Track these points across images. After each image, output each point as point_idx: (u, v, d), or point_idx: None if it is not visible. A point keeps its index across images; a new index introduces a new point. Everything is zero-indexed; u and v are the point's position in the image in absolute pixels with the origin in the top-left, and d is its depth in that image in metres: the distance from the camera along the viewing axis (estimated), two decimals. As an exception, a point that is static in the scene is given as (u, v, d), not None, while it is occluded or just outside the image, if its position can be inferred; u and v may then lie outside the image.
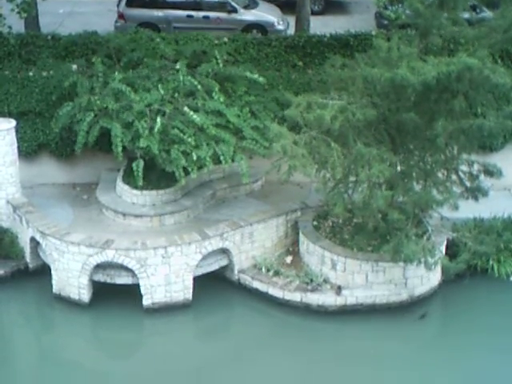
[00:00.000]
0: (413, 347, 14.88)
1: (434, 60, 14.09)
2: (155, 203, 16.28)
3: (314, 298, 15.41)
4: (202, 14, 21.02)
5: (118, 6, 21.22)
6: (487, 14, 19.56)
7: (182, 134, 15.53)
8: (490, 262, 16.16)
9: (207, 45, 18.17)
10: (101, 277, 15.33)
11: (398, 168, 15.18)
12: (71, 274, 15.22)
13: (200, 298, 15.44)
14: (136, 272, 15.07)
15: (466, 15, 16.45)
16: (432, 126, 14.61)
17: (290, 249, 16.56)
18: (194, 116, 15.69)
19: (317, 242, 15.80)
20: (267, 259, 16.09)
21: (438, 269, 15.55)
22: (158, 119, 15.51)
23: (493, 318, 15.44)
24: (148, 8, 20.91)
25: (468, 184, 15.48)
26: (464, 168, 15.48)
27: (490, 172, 15.32)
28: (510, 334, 15.08)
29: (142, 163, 15.66)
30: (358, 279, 15.47)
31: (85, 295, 15.31)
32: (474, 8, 19.70)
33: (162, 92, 16.12)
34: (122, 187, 16.52)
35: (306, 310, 15.39)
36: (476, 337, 14.99)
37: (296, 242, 16.45)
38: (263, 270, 15.92)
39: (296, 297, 15.46)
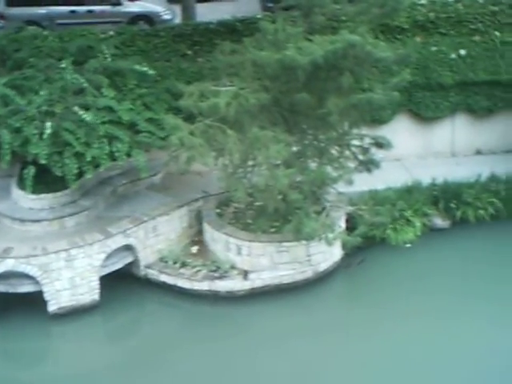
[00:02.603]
0: (322, 321, 14.47)
1: (319, 39, 13.66)
2: (53, 206, 15.17)
3: (222, 285, 14.82)
4: (85, 8, 19.85)
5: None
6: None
7: (72, 137, 14.44)
8: (387, 232, 15.93)
9: (93, 39, 17.03)
10: (2, 287, 14.15)
11: (294, 148, 14.71)
12: (-30, 289, 14.02)
13: (108, 297, 14.54)
14: (39, 279, 14.04)
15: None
16: (323, 104, 14.23)
17: (196, 238, 15.84)
18: (85, 115, 14.60)
19: (221, 230, 15.18)
20: (173, 251, 15.33)
21: (339, 243, 15.18)
22: (48, 124, 14.39)
23: (393, 284, 15.21)
24: (29, 6, 19.52)
25: (361, 158, 15.19)
26: (356, 142, 15.20)
27: (381, 144, 15.18)
28: (411, 296, 14.84)
29: (32, 170, 14.61)
30: (264, 261, 14.96)
31: (-14, 308, 14.15)
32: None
33: (49, 91, 14.92)
34: (17, 193, 15.31)
35: (216, 297, 14.79)
36: (380, 304, 14.70)
37: (200, 232, 15.77)
38: (170, 262, 15.18)
39: (204, 286, 14.82)
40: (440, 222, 16.53)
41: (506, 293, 14.67)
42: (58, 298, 14.22)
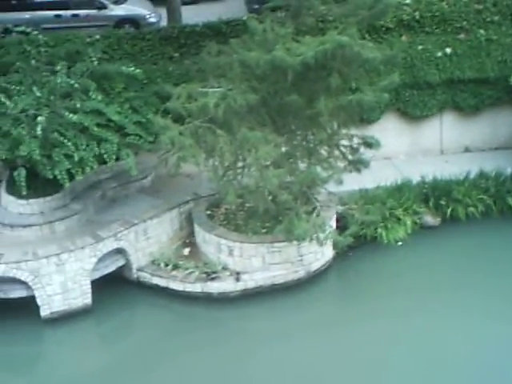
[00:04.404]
0: (316, 320, 14.52)
1: (308, 40, 13.73)
2: (43, 211, 15.15)
3: (215, 287, 14.86)
4: (70, 12, 19.88)
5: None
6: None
7: (62, 137, 14.47)
8: (378, 230, 16.07)
9: (80, 44, 17.04)
10: (-7, 293, 14.16)
11: (283, 149, 14.79)
12: (-39, 295, 13.97)
13: (100, 301, 14.55)
14: (30, 284, 14.01)
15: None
16: (312, 105, 14.27)
17: (187, 240, 15.89)
18: (75, 117, 14.64)
19: (212, 231, 15.23)
20: (164, 254, 15.37)
21: (330, 243, 15.27)
22: (39, 118, 14.36)
23: (385, 282, 15.34)
24: (14, 11, 19.49)
25: (350, 157, 15.29)
26: (345, 142, 15.28)
27: (369, 144, 15.24)
28: (404, 295, 14.95)
29: (23, 172, 14.56)
30: (256, 262, 15.01)
31: (-22, 315, 14.10)
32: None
33: (37, 94, 14.96)
34: (6, 198, 15.28)
35: (208, 299, 14.83)
36: (373, 302, 14.82)
37: (192, 234, 15.81)
38: (162, 265, 15.21)
39: (197, 287, 14.85)
40: (430, 219, 16.69)
41: (497, 287, 14.82)
42: (50, 302, 14.21)
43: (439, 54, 17.95)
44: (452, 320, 14.16)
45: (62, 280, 14.21)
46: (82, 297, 14.46)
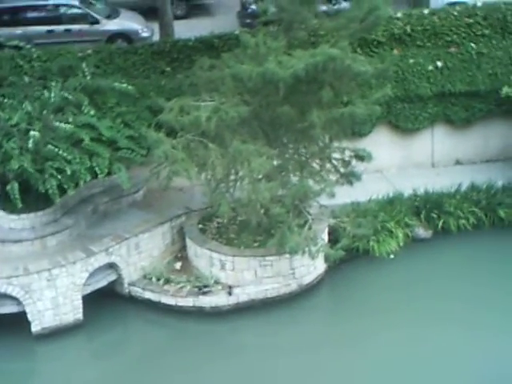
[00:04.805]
0: (309, 335, 14.37)
1: (300, 53, 13.72)
2: (34, 226, 15.02)
3: (207, 301, 14.72)
4: (62, 27, 19.77)
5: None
6: (343, 5, 19.40)
7: (56, 149, 14.41)
8: (370, 243, 15.96)
9: (72, 58, 16.96)
10: (-17, 309, 13.99)
11: (275, 162, 14.72)
12: (-50, 311, 13.80)
13: (92, 316, 14.38)
14: (21, 299, 13.86)
15: (324, 8, 16.30)
16: (304, 118, 14.25)
17: (179, 255, 15.75)
18: (68, 126, 14.59)
19: (204, 245, 15.11)
20: (156, 268, 15.22)
21: (322, 256, 15.17)
22: (32, 132, 14.31)
23: (378, 295, 15.21)
24: (6, 26, 19.39)
25: (342, 170, 15.24)
26: (337, 156, 15.24)
27: (361, 157, 15.21)
28: (396, 307, 14.82)
29: (16, 185, 14.45)
30: (248, 276, 14.89)
31: (-33, 331, 13.92)
32: (329, 0, 19.47)
33: (29, 109, 14.89)
34: (-3, 214, 15.17)
35: (200, 313, 14.67)
36: (366, 316, 14.68)
37: (184, 248, 15.68)
38: (153, 279, 15.05)
39: (189, 302, 14.70)
40: (422, 232, 16.60)
41: (489, 299, 14.74)
42: (41, 318, 14.05)
43: (430, 67, 17.93)
44: (446, 333, 14.02)
45: (53, 295, 14.06)
46: (73, 312, 14.30)
